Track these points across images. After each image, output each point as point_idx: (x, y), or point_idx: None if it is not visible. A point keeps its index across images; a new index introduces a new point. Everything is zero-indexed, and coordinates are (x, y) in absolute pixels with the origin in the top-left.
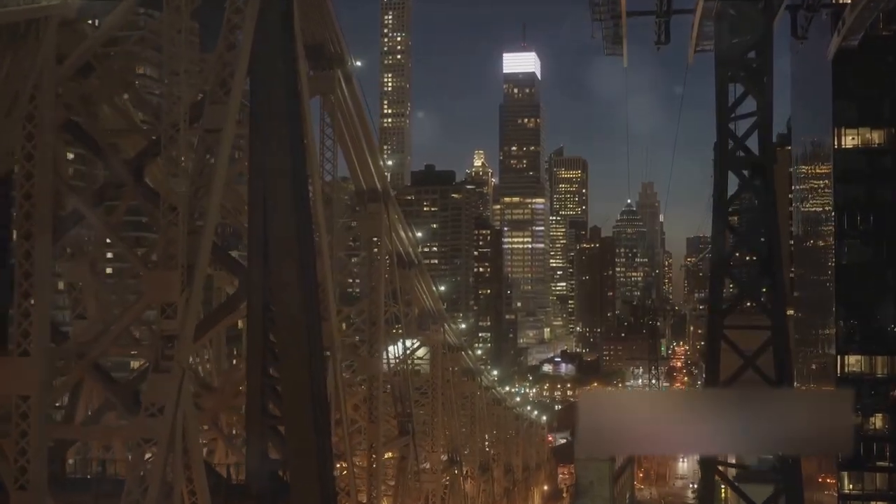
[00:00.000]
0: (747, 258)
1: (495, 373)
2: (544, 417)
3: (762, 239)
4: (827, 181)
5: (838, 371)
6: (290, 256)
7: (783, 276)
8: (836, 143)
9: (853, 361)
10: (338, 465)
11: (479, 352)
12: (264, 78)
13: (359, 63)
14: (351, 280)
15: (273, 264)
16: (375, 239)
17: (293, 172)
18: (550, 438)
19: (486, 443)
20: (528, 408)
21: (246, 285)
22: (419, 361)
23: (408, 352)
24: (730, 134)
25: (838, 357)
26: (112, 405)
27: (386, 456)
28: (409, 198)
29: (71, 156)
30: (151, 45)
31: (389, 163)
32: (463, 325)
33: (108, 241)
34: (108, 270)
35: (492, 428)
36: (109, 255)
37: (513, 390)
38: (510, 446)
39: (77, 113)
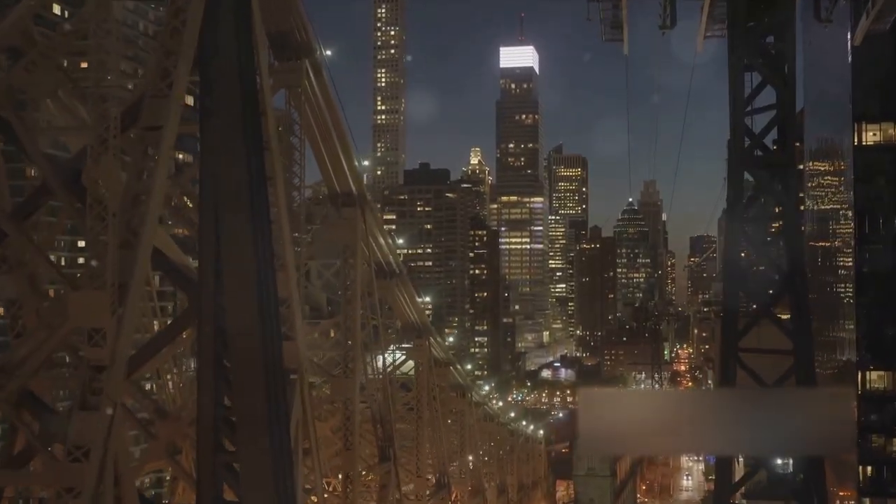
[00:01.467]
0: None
1: (486, 388)
2: (541, 431)
3: (783, 250)
4: (843, 179)
5: (859, 388)
6: (246, 270)
7: (808, 294)
8: (855, 139)
9: (875, 378)
10: (311, 500)
11: (477, 357)
12: (216, 69)
13: (328, 52)
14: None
15: (227, 280)
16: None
17: (251, 176)
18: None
19: (478, 462)
20: (524, 422)
21: (196, 304)
22: (403, 377)
23: (389, 369)
24: (746, 130)
25: (859, 373)
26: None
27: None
28: (402, 197)
29: None
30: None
31: (366, 163)
32: (451, 339)
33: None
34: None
35: (484, 446)
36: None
37: (510, 398)
38: (504, 465)
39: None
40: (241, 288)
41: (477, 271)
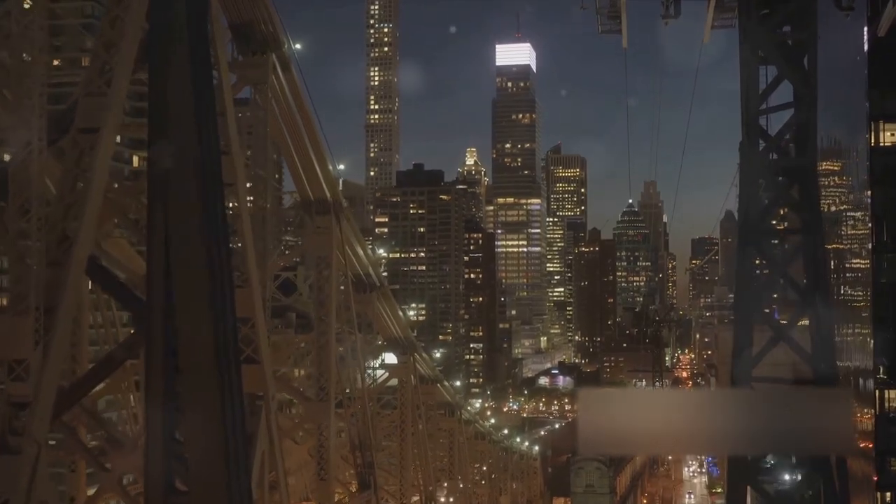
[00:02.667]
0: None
1: (478, 403)
2: (537, 447)
3: (803, 266)
4: (859, 183)
5: (876, 409)
6: (199, 288)
7: (833, 319)
8: (872, 139)
9: (895, 397)
10: None
11: (472, 364)
12: (164, 63)
13: (298, 46)
14: None
15: (179, 299)
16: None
17: (206, 182)
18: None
19: (469, 484)
20: (519, 438)
21: (145, 327)
22: (387, 394)
23: (369, 388)
24: (760, 131)
25: (876, 392)
26: None
27: None
28: (395, 199)
29: None
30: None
31: (341, 167)
32: (444, 348)
33: None
34: None
35: (474, 466)
36: None
37: (505, 408)
38: (497, 484)
39: None
40: (195, 307)
41: (472, 275)
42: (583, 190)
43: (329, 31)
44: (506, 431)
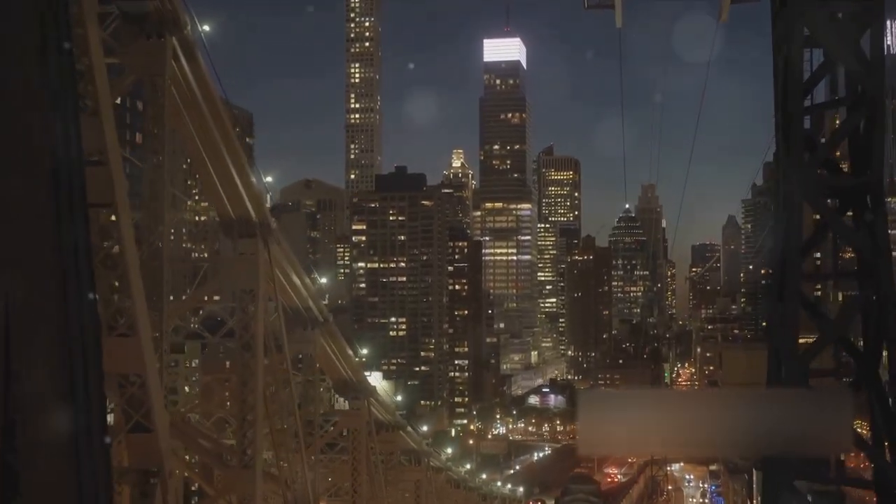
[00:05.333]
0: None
1: (449, 450)
2: (521, 489)
3: (863, 323)
4: None
5: None
6: (47, 341)
7: None
8: None
9: None
10: None
11: (456, 382)
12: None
13: (206, 28)
14: None
15: (16, 356)
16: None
17: (57, 201)
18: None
19: None
20: (500, 483)
21: None
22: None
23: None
24: (804, 138)
25: None
26: None
27: None
28: (373, 205)
29: None
30: None
31: (269, 179)
32: (399, 398)
33: None
34: None
35: None
36: None
37: (490, 433)
38: None
39: None
40: (44, 365)
41: (457, 287)
42: (576, 194)
43: (307, 24)
44: (484, 476)
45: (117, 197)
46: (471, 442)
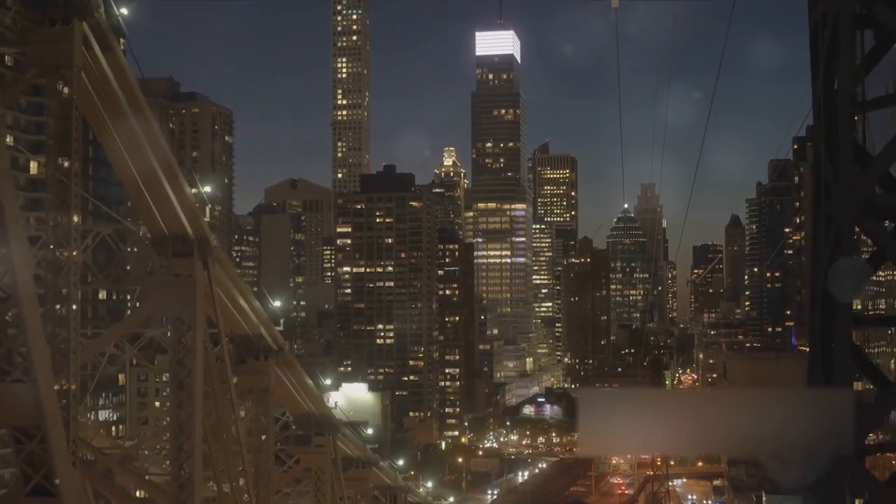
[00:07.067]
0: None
1: (429, 484)
2: None
3: None
4: None
5: None
6: None
7: None
8: None
9: None
10: None
11: (447, 392)
12: None
13: (124, 11)
14: None
15: None
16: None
17: None
18: None
19: None
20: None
21: None
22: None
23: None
24: (854, 147)
25: None
26: None
27: None
28: (359, 207)
29: None
30: None
31: (207, 189)
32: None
33: None
34: None
35: None
36: None
37: (481, 445)
38: None
39: None
40: None
41: (447, 291)
42: (573, 193)
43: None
44: None
45: (6, 211)
46: (460, 460)
